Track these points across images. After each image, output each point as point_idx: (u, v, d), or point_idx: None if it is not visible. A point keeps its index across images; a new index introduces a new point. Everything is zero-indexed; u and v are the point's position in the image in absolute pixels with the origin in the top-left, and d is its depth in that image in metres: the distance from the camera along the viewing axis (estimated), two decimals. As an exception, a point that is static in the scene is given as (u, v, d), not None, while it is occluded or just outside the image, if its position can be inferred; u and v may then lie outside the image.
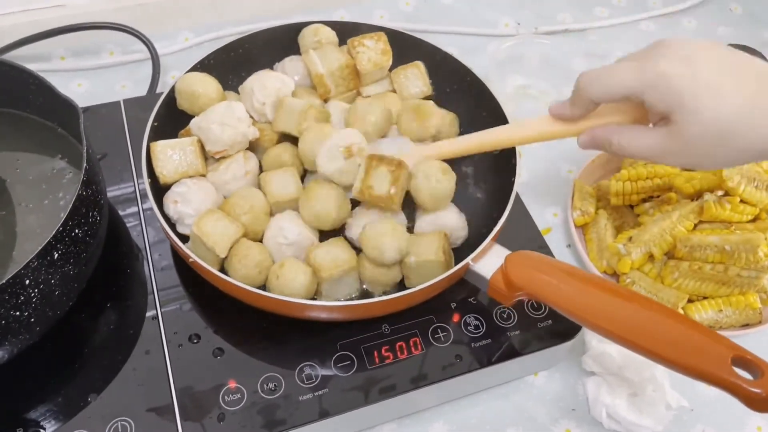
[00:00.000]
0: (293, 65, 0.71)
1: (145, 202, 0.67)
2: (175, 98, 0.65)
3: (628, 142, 0.52)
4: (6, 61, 0.60)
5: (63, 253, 0.50)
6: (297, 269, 0.56)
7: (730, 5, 1.07)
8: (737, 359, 0.46)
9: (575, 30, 1.00)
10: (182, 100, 0.64)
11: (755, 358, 0.46)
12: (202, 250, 0.57)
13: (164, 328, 0.59)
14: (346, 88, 0.69)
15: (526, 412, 0.64)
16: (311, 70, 0.67)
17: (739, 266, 0.67)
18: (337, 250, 0.58)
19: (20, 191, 0.62)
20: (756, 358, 0.46)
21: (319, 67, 0.66)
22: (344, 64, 0.67)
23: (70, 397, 0.55)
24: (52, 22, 0.84)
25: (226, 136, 0.60)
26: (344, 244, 0.59)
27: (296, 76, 0.70)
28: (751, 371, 0.46)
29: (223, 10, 0.94)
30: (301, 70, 0.70)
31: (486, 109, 0.68)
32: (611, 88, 0.51)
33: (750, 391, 0.44)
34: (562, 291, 0.53)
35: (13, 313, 0.48)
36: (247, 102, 0.65)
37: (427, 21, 0.98)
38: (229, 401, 0.55)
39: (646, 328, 0.49)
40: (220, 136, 0.60)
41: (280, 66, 0.72)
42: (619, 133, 0.53)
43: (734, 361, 0.46)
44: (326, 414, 0.55)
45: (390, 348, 0.59)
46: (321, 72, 0.66)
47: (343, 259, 0.57)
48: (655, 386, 0.61)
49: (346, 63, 0.67)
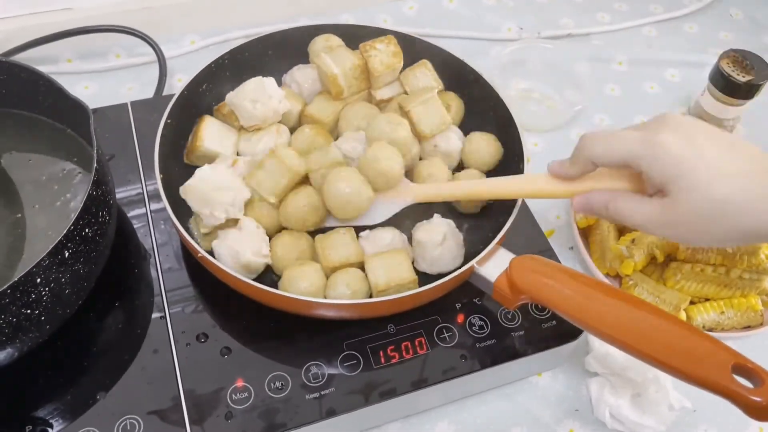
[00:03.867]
0: (302, 73, 0.72)
1: (153, 204, 0.68)
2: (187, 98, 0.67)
3: (624, 209, 0.52)
4: (16, 62, 0.61)
5: (73, 252, 0.51)
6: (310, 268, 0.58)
7: (731, 10, 1.08)
8: (738, 367, 0.46)
9: (578, 35, 1.00)
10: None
11: (756, 367, 0.46)
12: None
13: (172, 328, 0.59)
14: (358, 89, 0.70)
15: (530, 413, 0.64)
16: (325, 71, 0.68)
17: (741, 268, 0.67)
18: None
19: (30, 192, 0.62)
20: (757, 366, 0.46)
21: (333, 68, 0.68)
22: (356, 64, 0.68)
23: (78, 396, 0.56)
24: (60, 25, 0.85)
25: (258, 111, 0.64)
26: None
27: (306, 84, 0.71)
28: (751, 379, 0.46)
29: (229, 13, 0.94)
30: (312, 76, 0.71)
31: (492, 109, 0.69)
32: (613, 151, 0.51)
33: (750, 399, 0.44)
34: (565, 296, 0.53)
35: (24, 311, 0.49)
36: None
37: (431, 25, 0.99)
38: (236, 400, 0.55)
39: (647, 335, 0.49)
40: (252, 112, 0.64)
41: (289, 75, 0.73)
42: (615, 200, 0.52)
43: (735, 369, 0.46)
44: (332, 413, 0.55)
45: (395, 348, 0.59)
46: (335, 72, 0.68)
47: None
48: (657, 387, 0.62)
49: (358, 63, 0.68)
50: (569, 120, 0.88)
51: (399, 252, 0.60)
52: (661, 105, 0.92)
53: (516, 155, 0.65)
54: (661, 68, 0.97)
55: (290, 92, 0.71)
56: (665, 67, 0.97)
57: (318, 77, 0.71)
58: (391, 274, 0.58)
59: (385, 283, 0.58)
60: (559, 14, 1.04)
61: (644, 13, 1.05)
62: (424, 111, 0.66)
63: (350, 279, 0.58)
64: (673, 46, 1.01)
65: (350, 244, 0.60)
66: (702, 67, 0.95)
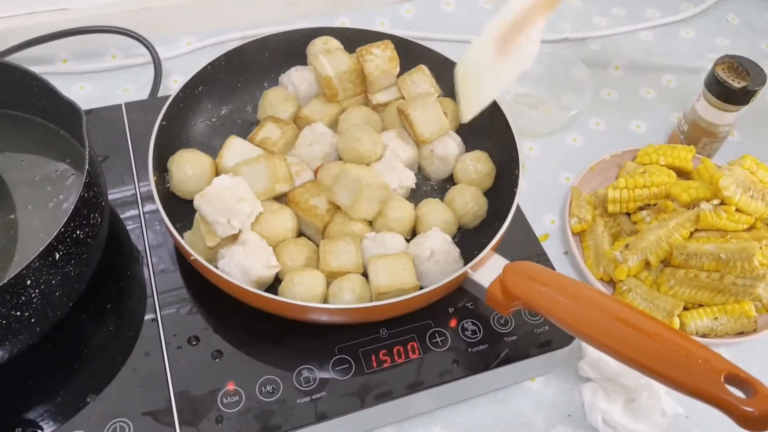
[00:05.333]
0: (299, 74, 0.72)
1: (146, 205, 0.68)
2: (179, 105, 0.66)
3: None
4: (10, 63, 0.61)
5: (64, 254, 0.51)
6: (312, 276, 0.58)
7: (727, 16, 1.08)
8: (730, 377, 0.46)
9: (575, 39, 1.00)
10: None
11: (748, 377, 0.45)
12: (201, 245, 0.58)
13: (163, 330, 0.59)
14: (353, 93, 0.70)
15: (523, 418, 0.64)
16: (320, 73, 0.68)
17: (735, 274, 0.67)
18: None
19: (23, 193, 0.62)
20: (749, 376, 0.45)
21: (328, 70, 0.68)
22: (352, 68, 0.68)
23: (68, 398, 0.56)
24: (56, 25, 0.84)
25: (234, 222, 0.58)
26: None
27: (303, 86, 0.71)
28: (743, 389, 0.45)
29: (225, 15, 0.94)
30: (308, 79, 0.71)
31: (488, 114, 0.69)
32: None
33: (742, 409, 0.44)
34: (558, 303, 0.53)
35: (13, 313, 0.49)
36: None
37: (428, 28, 0.99)
38: (227, 403, 0.55)
39: (640, 343, 0.49)
40: (226, 227, 0.58)
41: (286, 76, 0.73)
42: None
43: (727, 379, 0.46)
44: (324, 417, 0.55)
45: (388, 352, 0.59)
46: (330, 74, 0.68)
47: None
48: (650, 393, 0.62)
49: (354, 67, 0.68)
50: (565, 125, 0.88)
51: (404, 256, 0.60)
52: (657, 110, 0.92)
53: (512, 161, 0.65)
54: (657, 73, 0.97)
55: (286, 94, 0.71)
56: (662, 72, 0.97)
57: (315, 80, 0.71)
58: (394, 277, 0.58)
59: (386, 286, 0.57)
60: (557, 18, 1.04)
61: (641, 18, 1.05)
62: (423, 115, 0.66)
63: (354, 285, 0.58)
64: (670, 51, 1.01)
65: (352, 252, 0.60)
66: (698, 73, 0.95)
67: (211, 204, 0.57)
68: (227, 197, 0.57)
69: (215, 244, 0.58)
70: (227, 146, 0.65)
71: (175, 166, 0.63)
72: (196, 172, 0.63)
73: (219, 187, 0.57)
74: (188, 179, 0.62)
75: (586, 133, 0.89)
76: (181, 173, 0.62)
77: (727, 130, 0.81)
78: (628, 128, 0.90)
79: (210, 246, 0.58)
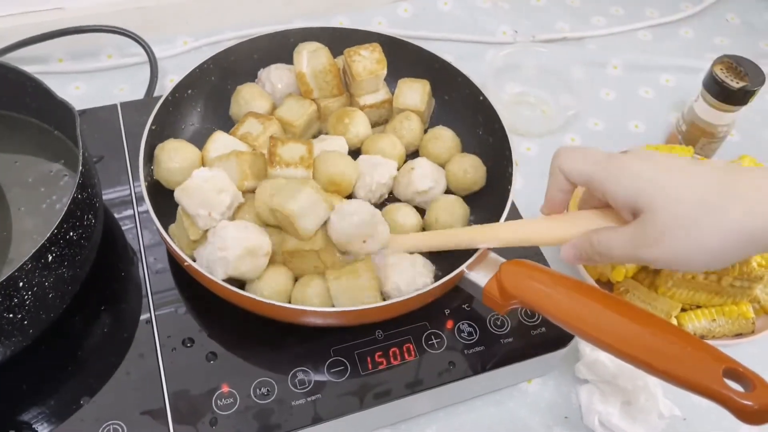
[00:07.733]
0: (278, 73, 0.71)
1: (141, 205, 0.67)
2: (173, 104, 0.66)
3: (603, 239, 0.51)
4: (3, 63, 0.61)
5: (57, 255, 0.50)
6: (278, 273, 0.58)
7: (726, 15, 1.08)
8: (729, 371, 0.46)
9: (573, 38, 1.00)
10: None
11: (747, 371, 0.45)
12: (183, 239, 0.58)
13: (158, 332, 0.59)
14: (330, 93, 0.70)
15: (520, 420, 0.64)
16: (295, 68, 0.68)
17: (732, 276, 0.67)
18: None
19: (17, 194, 0.62)
20: (747, 370, 0.45)
21: (303, 66, 0.68)
22: (327, 68, 0.68)
23: (62, 400, 0.55)
24: (51, 25, 0.84)
25: (214, 214, 0.58)
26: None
27: (280, 84, 0.71)
28: (742, 383, 0.45)
29: (221, 15, 0.94)
30: (286, 78, 0.71)
31: (483, 116, 0.69)
32: (577, 164, 0.52)
33: (741, 403, 0.44)
34: (556, 301, 0.53)
35: (6, 315, 0.48)
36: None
37: (426, 28, 0.98)
38: (221, 405, 0.55)
39: (638, 338, 0.49)
40: (207, 219, 0.58)
41: (265, 72, 0.72)
42: (597, 233, 0.52)
43: (726, 373, 0.45)
44: (319, 419, 0.55)
45: (383, 354, 0.59)
46: (303, 71, 0.68)
47: None
48: (647, 395, 0.61)
49: (330, 68, 0.68)
50: (563, 125, 0.88)
51: (418, 257, 0.60)
52: (656, 110, 0.92)
53: (505, 159, 0.65)
54: (656, 73, 0.97)
55: (260, 91, 0.71)
56: (660, 71, 0.97)
57: (293, 80, 0.71)
58: (356, 301, 0.56)
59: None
60: (555, 18, 1.03)
61: (640, 17, 1.05)
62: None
63: (321, 290, 0.58)
64: (669, 51, 1.00)
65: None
66: (697, 73, 0.94)
67: (192, 197, 0.57)
68: (207, 189, 0.57)
69: (198, 237, 0.58)
70: (212, 140, 0.65)
71: (165, 155, 0.63)
72: (184, 164, 0.62)
73: (198, 180, 0.57)
74: (176, 170, 0.62)
75: (584, 133, 0.88)
76: (170, 163, 0.62)
77: (726, 131, 0.81)
78: (627, 128, 0.90)
79: (194, 239, 0.58)
